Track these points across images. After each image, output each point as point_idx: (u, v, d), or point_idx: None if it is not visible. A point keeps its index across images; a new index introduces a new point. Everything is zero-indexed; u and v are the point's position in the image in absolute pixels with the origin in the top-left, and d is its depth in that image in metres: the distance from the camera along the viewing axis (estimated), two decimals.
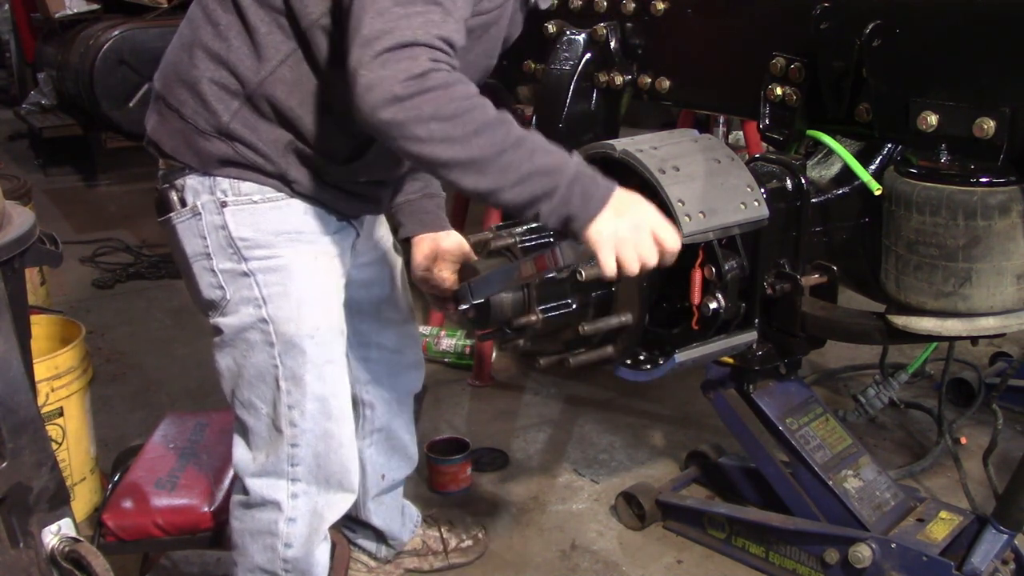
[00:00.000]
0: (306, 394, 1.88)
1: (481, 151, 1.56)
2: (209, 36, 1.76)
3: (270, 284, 1.83)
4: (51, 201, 5.90)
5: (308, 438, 1.90)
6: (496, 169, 1.57)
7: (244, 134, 1.77)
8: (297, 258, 1.84)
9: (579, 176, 1.62)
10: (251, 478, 1.94)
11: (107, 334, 3.98)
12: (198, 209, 1.81)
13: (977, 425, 3.08)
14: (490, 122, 1.57)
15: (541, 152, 1.61)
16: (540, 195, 1.60)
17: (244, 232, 1.81)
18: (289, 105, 1.75)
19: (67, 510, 1.51)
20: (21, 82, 7.57)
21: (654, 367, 2.07)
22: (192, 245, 1.84)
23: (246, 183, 1.80)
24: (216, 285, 1.84)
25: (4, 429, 1.43)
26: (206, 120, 1.77)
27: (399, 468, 2.35)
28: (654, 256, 1.67)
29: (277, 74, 1.74)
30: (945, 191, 1.88)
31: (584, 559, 2.56)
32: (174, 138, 1.81)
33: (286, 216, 1.83)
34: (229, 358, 1.89)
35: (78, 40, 5.72)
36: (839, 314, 2.17)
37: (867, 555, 2.21)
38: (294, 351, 1.85)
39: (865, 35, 1.97)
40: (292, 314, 1.84)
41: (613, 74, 2.57)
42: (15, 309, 1.53)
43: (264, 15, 1.72)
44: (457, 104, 1.55)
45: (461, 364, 3.60)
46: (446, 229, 2.13)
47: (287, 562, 1.97)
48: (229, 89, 1.76)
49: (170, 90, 1.81)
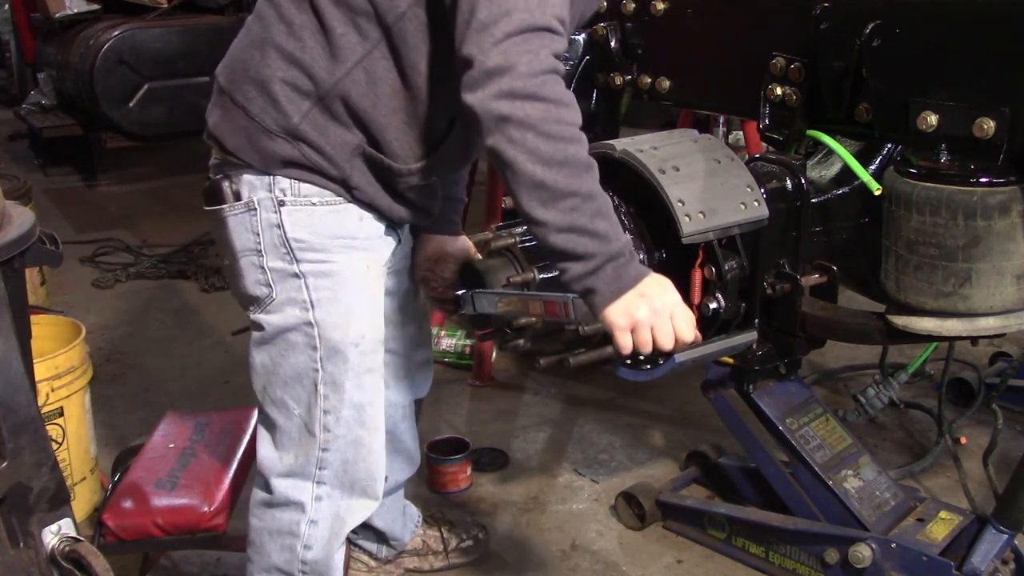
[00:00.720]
0: (344, 401, 1.87)
1: (556, 182, 1.56)
2: (282, 35, 1.75)
3: (320, 288, 1.82)
4: (51, 201, 5.90)
5: (340, 444, 1.90)
6: (559, 207, 1.58)
7: (312, 136, 1.76)
8: (350, 264, 1.84)
9: (618, 255, 1.62)
10: (277, 478, 1.93)
11: (107, 334, 3.99)
12: (253, 204, 1.79)
13: (977, 425, 3.08)
14: (581, 161, 1.59)
15: (603, 216, 1.61)
16: (578, 254, 1.61)
17: (300, 233, 1.80)
18: (363, 107, 1.74)
19: (67, 510, 1.51)
20: (21, 82, 7.57)
21: (654, 367, 2.07)
22: (243, 240, 1.82)
23: (306, 184, 1.79)
24: (263, 283, 1.83)
25: (4, 429, 1.43)
26: (274, 120, 1.76)
27: (401, 470, 2.34)
28: (670, 342, 1.67)
29: (353, 75, 1.73)
30: (945, 191, 1.88)
31: (584, 559, 2.56)
32: (237, 135, 1.79)
33: (343, 220, 1.82)
34: (266, 355, 1.88)
35: (78, 40, 5.73)
36: (839, 314, 2.17)
37: (867, 555, 2.21)
38: (337, 357, 1.84)
39: (865, 35, 1.97)
40: (340, 321, 1.83)
41: (613, 74, 2.57)
42: (15, 309, 1.53)
43: (341, 15, 1.71)
44: (562, 127, 1.57)
45: (461, 364, 3.60)
46: (456, 233, 2.13)
47: (305, 564, 1.95)
48: (301, 90, 1.74)
49: (237, 87, 1.79)
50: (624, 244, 1.65)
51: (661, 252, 2.09)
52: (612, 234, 1.62)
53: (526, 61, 1.54)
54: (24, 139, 7.11)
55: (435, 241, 2.13)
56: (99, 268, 4.78)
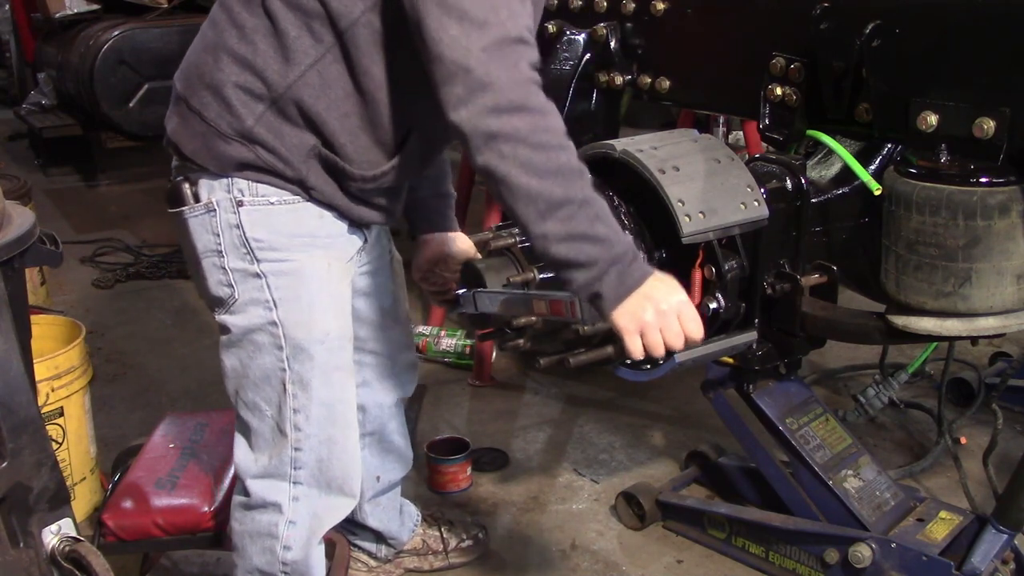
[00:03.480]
0: (312, 399, 1.87)
1: (552, 192, 1.55)
2: (234, 39, 1.75)
3: (281, 287, 1.82)
4: (51, 201, 5.90)
5: (312, 443, 1.90)
6: (557, 216, 1.57)
7: (267, 138, 1.76)
8: (310, 262, 1.84)
9: (621, 258, 1.61)
10: (253, 479, 1.94)
11: (107, 334, 3.99)
12: (213, 206, 1.80)
13: (977, 425, 3.07)
14: (572, 168, 1.58)
15: (601, 220, 1.60)
16: (581, 261, 1.60)
17: (258, 233, 1.80)
18: (316, 110, 1.74)
19: (67, 510, 1.51)
20: (21, 82, 7.58)
21: (654, 367, 2.07)
22: (204, 241, 1.83)
23: (263, 185, 1.79)
24: (225, 283, 1.83)
25: (4, 429, 1.43)
26: (229, 124, 1.76)
27: (394, 470, 2.35)
28: (680, 342, 1.67)
29: (306, 78, 1.72)
30: (945, 191, 1.88)
31: (584, 559, 2.56)
32: (194, 141, 1.80)
33: (301, 219, 1.82)
34: (235, 358, 1.89)
35: (78, 40, 5.73)
36: (839, 314, 2.17)
37: (867, 555, 2.21)
38: (303, 356, 1.85)
39: (865, 35, 1.97)
40: (303, 319, 1.84)
41: (613, 74, 2.57)
42: (15, 309, 1.53)
43: (294, 19, 1.70)
44: (550, 136, 1.56)
45: (461, 364, 3.61)
46: (454, 230, 2.13)
47: (286, 564, 1.96)
48: (254, 93, 1.74)
49: (192, 92, 1.80)
50: (626, 245, 1.63)
51: (661, 252, 2.09)
52: (613, 237, 1.61)
53: (507, 74, 1.53)
54: (24, 139, 7.11)
55: (435, 241, 2.12)
56: (99, 268, 4.78)
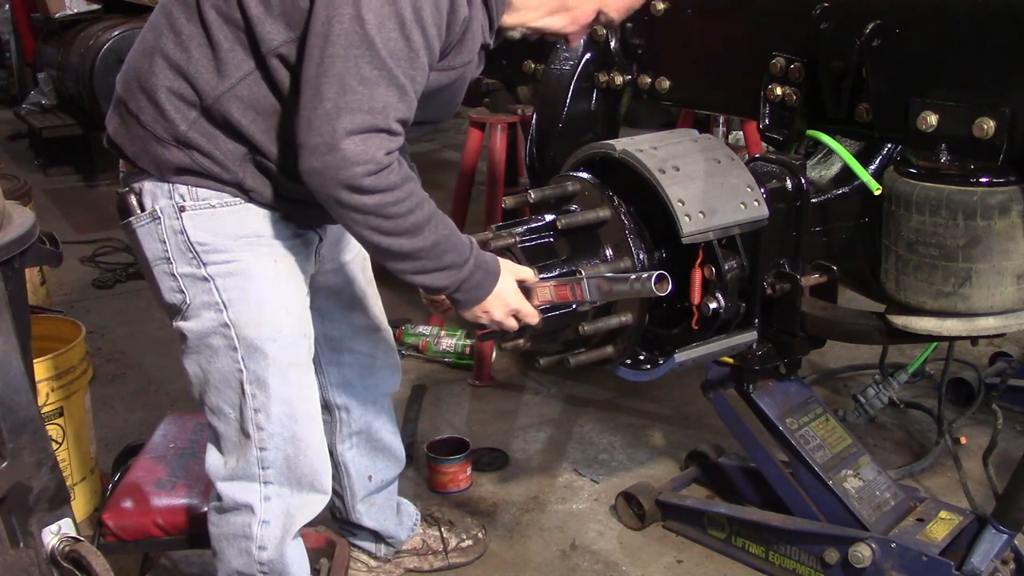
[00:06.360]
0: (271, 397, 1.88)
1: (401, 247, 1.71)
2: (171, 45, 1.75)
3: (229, 288, 1.83)
4: (51, 201, 5.90)
5: (276, 441, 1.91)
6: (407, 261, 1.74)
7: (202, 143, 1.76)
8: (256, 261, 1.84)
9: (468, 278, 1.80)
10: (223, 482, 1.95)
11: (107, 334, 3.98)
12: (157, 213, 1.81)
13: (977, 425, 3.08)
14: (420, 224, 1.71)
15: (448, 250, 1.76)
16: (437, 287, 1.81)
17: (202, 236, 1.80)
18: (244, 122, 1.75)
19: (67, 510, 1.51)
20: (21, 82, 7.58)
21: (654, 367, 2.07)
22: (152, 249, 1.84)
23: (203, 189, 1.80)
24: (176, 289, 1.84)
25: (4, 429, 1.43)
26: (164, 128, 1.77)
27: (386, 468, 2.35)
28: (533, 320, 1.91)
29: (235, 91, 1.73)
30: (945, 191, 1.88)
31: (584, 559, 2.56)
32: (135, 143, 1.81)
33: (244, 220, 1.83)
34: (195, 364, 1.90)
35: (78, 40, 5.74)
36: (839, 314, 2.17)
37: (867, 555, 2.21)
38: (256, 354, 1.85)
39: (865, 35, 1.97)
40: (253, 318, 1.84)
41: (613, 74, 2.57)
42: (15, 309, 1.53)
43: (228, 31, 1.71)
44: (399, 207, 1.67)
45: (461, 364, 3.60)
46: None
47: (263, 564, 1.97)
48: (186, 99, 1.75)
49: (131, 95, 1.80)
50: (471, 261, 1.79)
51: (661, 252, 2.09)
52: (459, 260, 1.78)
53: (363, 160, 1.61)
54: (24, 139, 7.11)
55: None
56: (99, 268, 4.78)
